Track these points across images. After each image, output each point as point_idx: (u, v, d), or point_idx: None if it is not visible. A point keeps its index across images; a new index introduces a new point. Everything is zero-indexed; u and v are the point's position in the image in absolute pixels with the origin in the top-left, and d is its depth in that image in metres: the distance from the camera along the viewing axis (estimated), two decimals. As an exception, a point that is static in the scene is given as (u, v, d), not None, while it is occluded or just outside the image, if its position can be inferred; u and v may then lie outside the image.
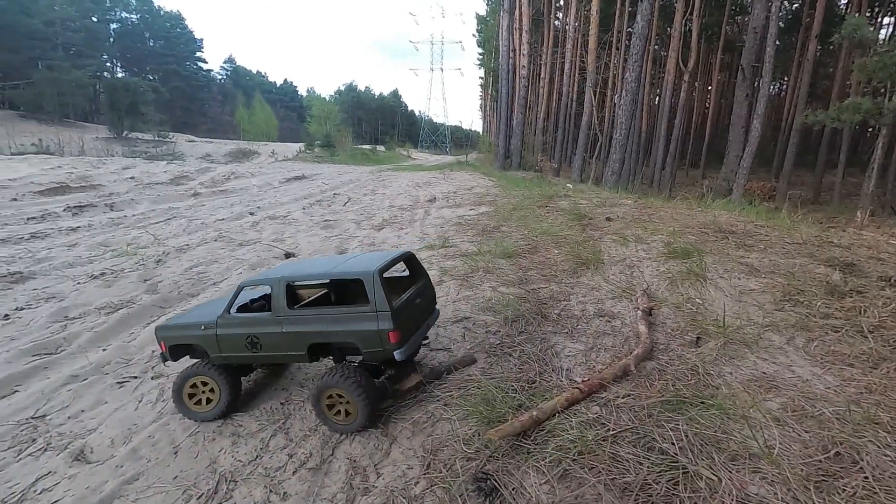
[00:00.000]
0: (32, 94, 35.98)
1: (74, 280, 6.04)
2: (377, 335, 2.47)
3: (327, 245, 7.47)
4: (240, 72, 57.91)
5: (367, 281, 2.51)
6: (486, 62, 63.09)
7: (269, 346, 2.67)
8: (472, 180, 20.53)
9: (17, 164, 20.20)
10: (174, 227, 10.42)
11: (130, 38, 45.85)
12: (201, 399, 2.79)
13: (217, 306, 3.01)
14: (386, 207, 12.23)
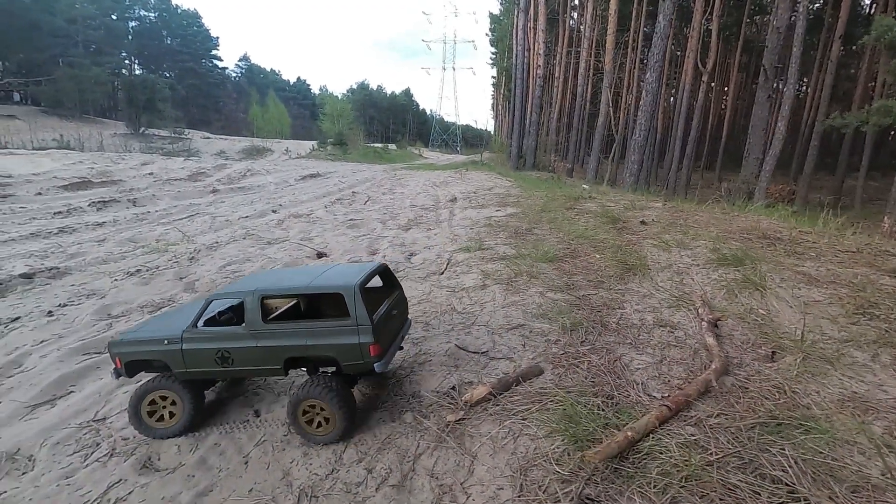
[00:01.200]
0: (54, 90, 36.54)
1: (111, 276, 6.03)
2: (358, 349, 2.50)
3: (357, 245, 7.39)
4: (254, 70, 58.36)
5: (347, 295, 2.50)
6: (499, 61, 62.74)
7: (242, 360, 2.59)
8: (488, 180, 20.38)
9: (40, 159, 20.46)
10: (199, 224, 10.43)
11: (148, 35, 46.38)
12: (162, 415, 2.67)
13: (175, 319, 2.90)
14: (408, 207, 12.14)
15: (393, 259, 6.42)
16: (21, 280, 5.86)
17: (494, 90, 70.48)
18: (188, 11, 49.49)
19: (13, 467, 2.42)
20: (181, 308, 3.41)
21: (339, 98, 54.27)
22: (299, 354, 2.58)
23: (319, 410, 2.50)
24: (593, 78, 41.90)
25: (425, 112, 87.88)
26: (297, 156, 38.64)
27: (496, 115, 70.55)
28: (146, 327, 2.91)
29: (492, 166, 31.92)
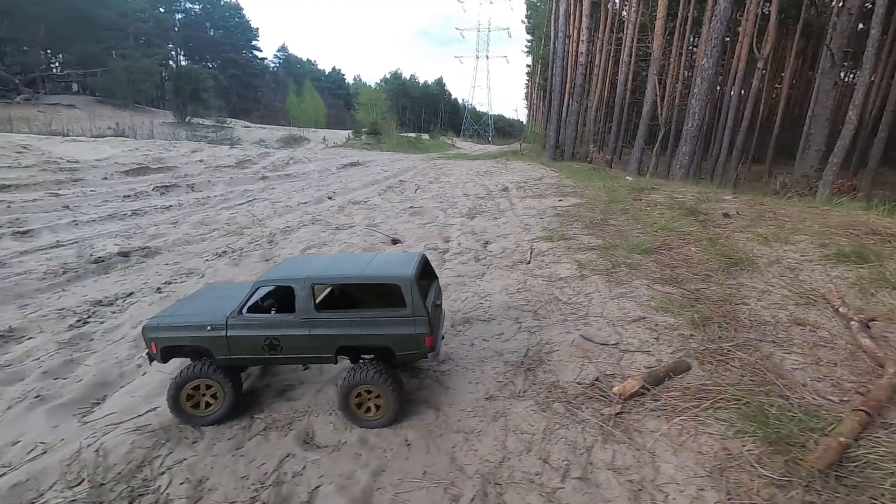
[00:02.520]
0: (108, 80, 38.34)
1: (201, 257, 6.24)
2: (414, 339, 2.51)
3: (428, 233, 7.35)
4: (291, 60, 59.32)
5: (404, 286, 2.49)
6: (535, 49, 61.18)
7: (292, 348, 2.56)
8: (533, 170, 19.98)
9: (101, 146, 21.53)
10: (261, 209, 10.68)
11: (193, 27, 47.88)
12: (200, 402, 2.61)
13: (209, 304, 2.85)
14: (460, 195, 12.03)
15: (469, 247, 6.35)
16: (120, 258, 6.15)
17: (529, 79, 68.94)
18: (230, 3, 50.79)
19: (181, 437, 2.49)
20: (210, 291, 3.28)
21: (373, 88, 54.52)
22: (352, 344, 2.56)
23: (372, 396, 2.51)
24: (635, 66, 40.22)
25: (457, 101, 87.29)
26: (333, 145, 39.16)
27: (530, 105, 69.12)
28: (180, 312, 2.80)
29: (530, 156, 31.32)
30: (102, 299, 4.59)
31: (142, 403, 2.79)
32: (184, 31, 46.85)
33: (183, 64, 44.22)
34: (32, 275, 5.41)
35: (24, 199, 10.49)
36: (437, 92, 76.30)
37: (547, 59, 54.24)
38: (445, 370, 3.14)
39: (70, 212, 9.88)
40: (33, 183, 11.96)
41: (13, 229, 8.09)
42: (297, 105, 51.28)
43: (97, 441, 2.43)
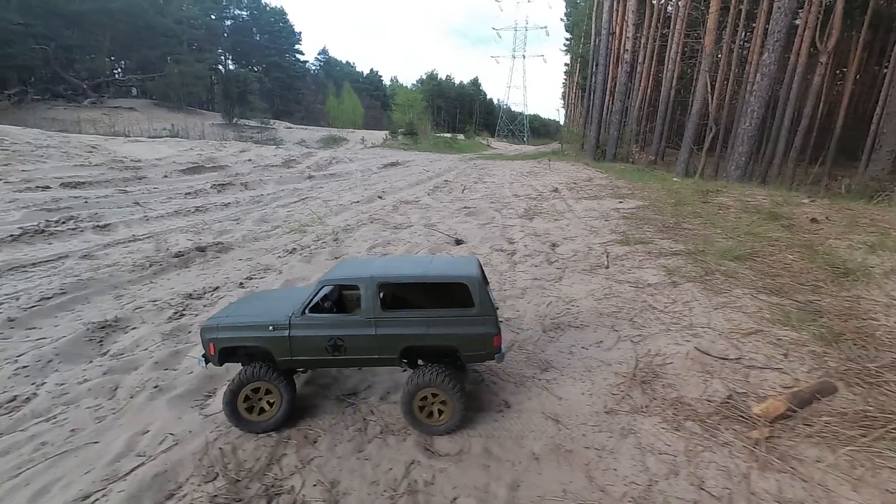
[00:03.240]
0: (163, 84, 40.66)
1: (272, 254, 6.39)
2: (482, 339, 2.47)
3: (489, 233, 7.21)
4: (331, 62, 60.92)
5: (471, 285, 2.47)
6: (574, 47, 59.84)
7: (356, 349, 2.49)
8: (577, 171, 19.46)
9: (158, 146, 22.76)
10: (315, 207, 10.90)
11: (241, 33, 50.06)
12: (259, 407, 2.51)
13: (268, 304, 2.79)
14: (510, 196, 11.84)
15: (537, 249, 6.17)
16: (197, 253, 6.39)
17: (567, 78, 67.52)
18: (275, 9, 52.74)
19: (300, 434, 2.47)
20: (261, 295, 3.20)
21: (410, 88, 55.04)
22: (418, 344, 2.50)
23: (437, 400, 2.44)
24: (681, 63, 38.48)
25: (492, 101, 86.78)
26: (371, 145, 39.78)
27: (567, 104, 67.68)
28: (238, 313, 2.72)
29: (571, 157, 30.61)
30: (192, 293, 4.75)
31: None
32: (232, 36, 49.08)
33: (231, 68, 46.39)
34: (123, 267, 5.69)
35: (97, 195, 11.14)
36: (472, 92, 76.08)
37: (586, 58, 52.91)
38: (551, 378, 2.99)
39: (140, 208, 10.42)
40: (103, 180, 12.71)
41: (93, 223, 8.58)
42: (336, 106, 52.54)
43: (221, 435, 2.45)
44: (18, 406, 2.79)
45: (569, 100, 67.84)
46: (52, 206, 9.29)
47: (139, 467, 2.23)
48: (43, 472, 2.23)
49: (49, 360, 3.31)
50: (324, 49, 65.34)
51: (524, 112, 73.50)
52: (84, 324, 4.02)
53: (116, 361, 3.29)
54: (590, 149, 34.23)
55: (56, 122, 30.48)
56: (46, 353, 3.40)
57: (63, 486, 2.13)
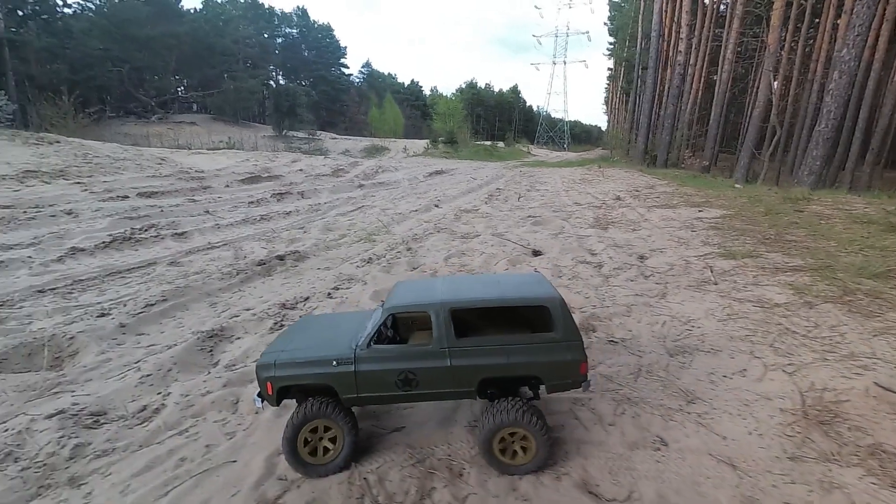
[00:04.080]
0: (220, 100, 43.29)
1: (349, 262, 6.39)
2: (567, 366, 2.27)
3: (567, 244, 6.87)
4: (374, 74, 62.72)
5: (553, 307, 2.26)
6: (618, 52, 58.27)
7: (429, 383, 2.26)
8: (633, 178, 18.66)
9: (218, 157, 24.06)
10: (373, 215, 10.98)
11: (291, 49, 52.72)
12: (317, 448, 2.27)
13: (315, 337, 2.52)
14: (570, 204, 11.41)
15: (624, 261, 5.78)
16: (277, 261, 6.49)
17: (610, 83, 65.82)
18: (323, 25, 55.14)
19: (441, 464, 2.29)
20: (309, 323, 2.89)
21: (450, 98, 55.53)
22: (496, 375, 2.28)
23: (517, 438, 2.20)
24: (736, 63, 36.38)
25: (532, 108, 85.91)
26: (413, 154, 40.30)
27: (610, 110, 65.86)
28: (293, 346, 2.47)
29: (621, 163, 29.56)
30: (285, 302, 4.76)
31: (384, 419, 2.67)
32: (283, 53, 51.74)
33: (281, 83, 48.76)
34: (211, 275, 5.85)
35: (169, 203, 11.77)
36: (511, 99, 75.66)
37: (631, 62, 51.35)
38: (703, 412, 2.65)
39: (210, 216, 10.89)
40: (173, 190, 13.45)
41: (171, 231, 9.00)
42: (377, 117, 53.84)
43: (363, 460, 2.31)
44: (150, 416, 2.80)
45: (612, 105, 66.00)
46: (133, 215, 9.88)
47: (286, 494, 2.12)
48: (190, 490, 2.17)
49: (168, 369, 3.35)
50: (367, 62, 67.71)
51: (565, 118, 72.22)
52: (192, 332, 4.09)
53: (232, 373, 3.27)
54: (637, 155, 32.95)
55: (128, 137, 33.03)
56: (165, 361, 3.44)
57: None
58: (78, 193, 11.73)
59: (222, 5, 48.51)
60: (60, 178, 13.45)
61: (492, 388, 2.34)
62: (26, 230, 8.39)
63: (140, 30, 36.64)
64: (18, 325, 4.47)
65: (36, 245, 7.51)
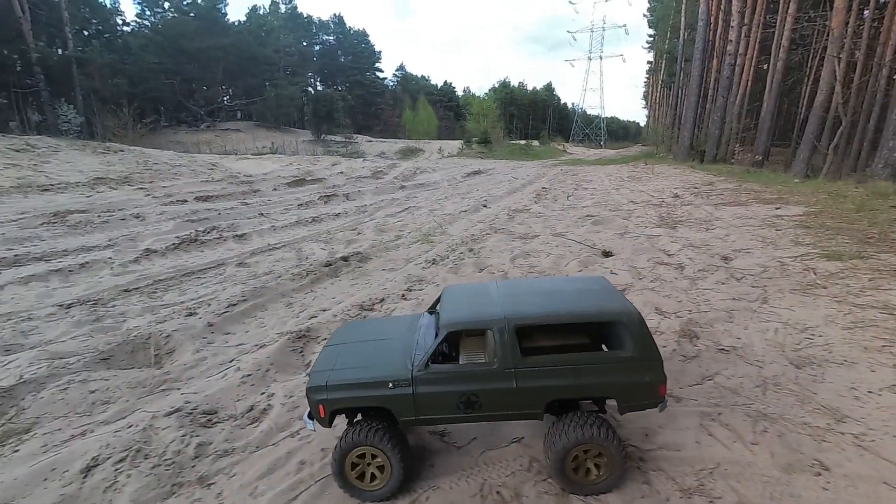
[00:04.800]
0: (263, 107, 45.02)
1: (413, 263, 6.34)
2: (646, 388, 2.09)
3: (637, 244, 6.53)
4: (408, 77, 63.40)
5: (630, 323, 2.08)
6: (658, 44, 56.02)
7: (493, 405, 2.11)
8: (686, 175, 17.77)
9: (263, 162, 24.96)
10: (421, 216, 10.95)
11: (328, 56, 54.22)
12: (365, 473, 2.12)
13: (363, 353, 2.37)
14: (626, 203, 10.94)
15: (706, 262, 5.41)
16: (342, 262, 6.55)
17: (650, 77, 63.38)
18: (358, 31, 56.38)
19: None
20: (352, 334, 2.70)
21: (483, 98, 55.24)
22: (566, 396, 2.12)
23: (590, 455, 2.05)
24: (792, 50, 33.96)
25: (566, 106, 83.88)
26: (448, 154, 40.32)
27: (650, 105, 63.39)
28: (343, 365, 2.31)
29: (668, 159, 28.32)
30: (362, 304, 4.75)
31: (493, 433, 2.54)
32: (320, 59, 53.28)
33: (319, 89, 50.21)
34: (281, 276, 5.95)
35: (224, 207, 12.20)
36: (545, 97, 74.15)
37: (673, 54, 49.16)
38: (859, 433, 2.36)
39: (265, 218, 11.22)
40: (226, 194, 13.97)
41: (232, 233, 9.31)
42: (411, 119, 54.33)
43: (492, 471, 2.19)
44: (258, 416, 2.81)
45: (651, 99, 63.52)
46: (193, 218, 10.30)
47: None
48: (318, 496, 2.13)
49: (266, 370, 3.38)
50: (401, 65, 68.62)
51: (601, 115, 70.13)
52: (277, 333, 4.14)
53: (328, 375, 3.25)
54: (682, 150, 31.45)
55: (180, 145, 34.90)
56: (262, 361, 3.48)
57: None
58: (142, 198, 12.41)
59: (264, 17, 50.54)
60: (126, 185, 14.32)
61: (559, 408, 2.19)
62: (101, 233, 8.92)
63: (190, 43, 38.72)
64: (114, 322, 4.71)
65: (112, 247, 7.95)
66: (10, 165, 14.87)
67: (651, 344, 2.08)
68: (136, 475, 2.25)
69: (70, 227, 9.02)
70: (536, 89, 76.06)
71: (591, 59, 68.85)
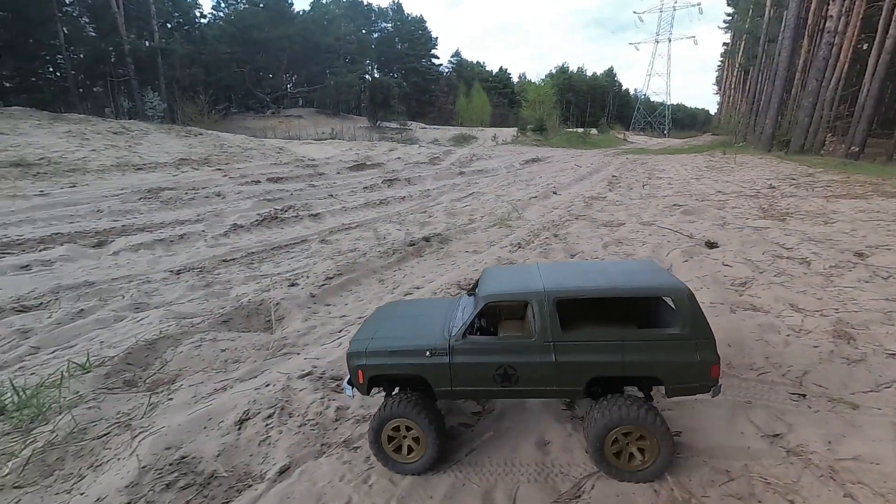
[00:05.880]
0: (323, 94, 46.47)
1: (497, 246, 6.18)
2: (696, 368, 1.93)
3: (744, 237, 5.93)
4: (463, 63, 62.62)
5: (680, 300, 1.93)
6: (738, 24, 51.15)
7: (530, 379, 2.05)
8: (774, 165, 16.14)
9: (324, 147, 25.77)
10: (488, 202, 10.72)
11: (385, 43, 54.67)
12: (402, 446, 2.10)
13: (404, 325, 2.34)
14: (713, 193, 10.06)
15: (834, 258, 4.78)
16: (424, 243, 6.54)
17: (725, 60, 58.17)
18: (415, 18, 56.30)
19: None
20: (395, 309, 2.67)
21: (539, 84, 53.49)
22: (608, 374, 1.99)
23: (632, 438, 1.93)
24: None
25: (627, 92, 78.83)
26: (502, 142, 39.61)
27: (722, 90, 58.25)
28: (384, 334, 2.29)
29: (750, 149, 25.95)
30: (459, 282, 4.68)
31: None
32: (378, 47, 53.87)
33: (376, 76, 50.94)
34: (366, 254, 6.02)
35: (294, 188, 12.66)
36: (605, 83, 70.02)
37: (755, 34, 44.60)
38: None
39: (335, 199, 11.54)
40: (294, 176, 14.50)
41: (307, 212, 9.62)
42: (465, 106, 53.79)
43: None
44: (383, 388, 2.81)
45: (725, 85, 58.33)
46: (268, 197, 10.77)
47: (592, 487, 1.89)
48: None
49: (380, 341, 3.39)
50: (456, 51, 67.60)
51: (666, 101, 65.22)
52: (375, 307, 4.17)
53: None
54: (764, 140, 28.62)
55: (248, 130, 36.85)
56: (374, 333, 3.50)
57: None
58: (220, 178, 13.18)
59: (327, 6, 51.77)
60: (205, 165, 15.32)
61: (596, 386, 2.07)
62: (189, 208, 9.56)
63: (260, 33, 40.60)
64: (222, 289, 4.99)
65: (201, 221, 8.48)
66: (110, 146, 16.38)
67: (703, 322, 1.93)
68: (286, 432, 2.30)
69: (163, 202, 9.77)
70: (596, 75, 72.20)
71: (658, 42, 64.23)
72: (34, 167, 12.26)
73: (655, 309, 2.16)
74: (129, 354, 3.11)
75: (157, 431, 2.26)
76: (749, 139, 32.92)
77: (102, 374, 2.87)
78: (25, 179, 11.11)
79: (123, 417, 2.44)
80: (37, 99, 26.91)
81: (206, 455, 2.12)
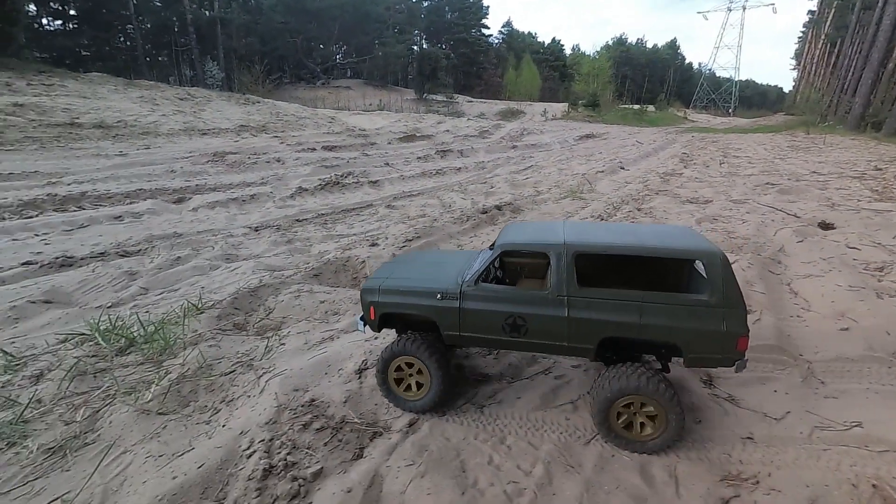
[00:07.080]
0: (371, 65, 46.20)
1: (579, 217, 5.88)
2: (720, 338, 1.75)
3: (867, 219, 5.26)
4: (514, 34, 59.70)
5: (711, 264, 1.76)
6: (831, -13, 45.21)
7: (540, 332, 1.92)
8: (872, 147, 14.37)
9: (373, 118, 25.73)
10: (550, 174, 10.25)
11: (435, 13, 53.11)
12: (409, 383, 2.11)
13: (422, 269, 2.31)
14: (806, 174, 9.06)
15: None
16: (497, 211, 6.31)
17: (808, 30, 52.00)
18: (467, -15, 54.19)
19: None
20: (419, 255, 2.71)
21: (594, 57, 50.28)
22: (622, 335, 1.84)
23: (642, 409, 1.81)
24: None
25: (691, 66, 72.26)
26: (552, 117, 38.05)
27: (802, 65, 52.35)
28: (399, 275, 2.27)
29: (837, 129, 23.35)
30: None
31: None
32: (427, 16, 52.46)
33: (424, 47, 49.89)
34: (438, 219, 5.88)
35: (349, 156, 12.65)
36: (667, 56, 64.49)
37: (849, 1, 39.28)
38: None
39: (390, 168, 11.45)
40: (347, 145, 14.50)
41: (366, 179, 9.58)
42: (513, 79, 51.78)
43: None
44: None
45: (807, 59, 52.37)
46: (325, 164, 10.82)
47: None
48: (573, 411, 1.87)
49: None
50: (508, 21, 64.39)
51: (734, 77, 59.29)
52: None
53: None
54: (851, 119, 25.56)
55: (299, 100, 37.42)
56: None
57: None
58: (278, 145, 13.41)
59: (379, -27, 50.94)
60: (263, 133, 15.68)
61: (610, 352, 1.96)
62: (252, 172, 9.77)
63: (312, 2, 40.59)
64: (303, 246, 5.04)
65: (266, 184, 8.64)
66: (178, 112, 17.09)
67: (735, 291, 1.74)
68: (407, 385, 2.21)
69: (228, 165, 10.06)
70: (657, 46, 66.85)
71: (730, 10, 58.13)
72: (113, 129, 13.03)
73: (688, 278, 1.97)
74: (235, 299, 3.16)
75: (281, 373, 2.24)
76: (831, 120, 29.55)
77: (214, 316, 2.93)
78: (106, 140, 11.82)
79: (244, 357, 2.46)
80: (110, 66, 28.53)
81: (334, 400, 2.08)
